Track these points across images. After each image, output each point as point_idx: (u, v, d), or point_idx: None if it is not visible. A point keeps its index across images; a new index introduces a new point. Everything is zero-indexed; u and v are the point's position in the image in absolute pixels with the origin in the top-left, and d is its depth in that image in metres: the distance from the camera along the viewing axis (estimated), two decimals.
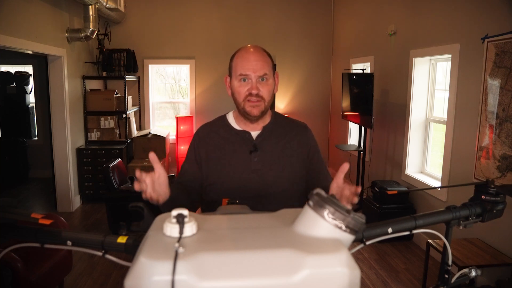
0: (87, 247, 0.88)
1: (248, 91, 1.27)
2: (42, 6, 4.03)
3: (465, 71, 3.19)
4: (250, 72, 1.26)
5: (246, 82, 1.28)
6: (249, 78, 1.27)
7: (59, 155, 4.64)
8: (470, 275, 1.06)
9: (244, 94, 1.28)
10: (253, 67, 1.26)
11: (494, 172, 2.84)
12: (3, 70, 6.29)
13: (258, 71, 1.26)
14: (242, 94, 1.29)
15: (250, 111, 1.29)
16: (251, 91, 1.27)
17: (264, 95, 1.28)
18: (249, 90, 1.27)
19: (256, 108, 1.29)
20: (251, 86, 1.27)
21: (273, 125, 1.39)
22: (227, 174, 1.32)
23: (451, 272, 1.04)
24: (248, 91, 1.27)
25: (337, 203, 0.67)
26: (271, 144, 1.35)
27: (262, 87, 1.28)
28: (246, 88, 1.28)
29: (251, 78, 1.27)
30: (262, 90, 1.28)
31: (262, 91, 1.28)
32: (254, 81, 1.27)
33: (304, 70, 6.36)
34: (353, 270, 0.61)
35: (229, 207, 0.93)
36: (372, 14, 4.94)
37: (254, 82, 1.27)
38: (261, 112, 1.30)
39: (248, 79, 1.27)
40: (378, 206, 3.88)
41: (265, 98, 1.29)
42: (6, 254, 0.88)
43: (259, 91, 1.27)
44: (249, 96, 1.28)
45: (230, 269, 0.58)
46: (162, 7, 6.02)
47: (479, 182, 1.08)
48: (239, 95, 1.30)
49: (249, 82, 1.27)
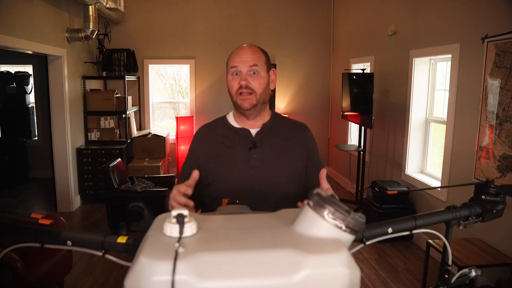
0: (87, 247, 0.88)
1: (239, 83, 1.30)
2: (42, 6, 4.03)
3: (465, 71, 3.19)
4: (239, 64, 1.29)
5: (238, 76, 1.31)
6: (239, 71, 1.30)
7: (59, 155, 4.65)
8: (470, 275, 1.06)
9: (236, 87, 1.31)
10: (243, 59, 1.29)
11: (494, 172, 2.84)
12: (3, 70, 6.29)
13: (248, 62, 1.29)
14: (234, 88, 1.32)
15: (241, 104, 1.31)
16: (241, 82, 1.29)
17: (254, 87, 1.30)
18: (239, 83, 1.30)
19: (247, 101, 1.30)
20: (241, 78, 1.30)
21: (273, 124, 1.40)
22: (227, 171, 1.33)
23: (451, 272, 1.04)
24: (239, 83, 1.30)
25: (337, 203, 0.67)
26: (270, 141, 1.36)
27: (252, 80, 1.30)
28: (237, 81, 1.30)
29: (241, 71, 1.30)
30: (253, 83, 1.30)
31: (252, 83, 1.30)
32: (244, 73, 1.30)
33: (304, 70, 6.36)
34: (353, 270, 0.61)
35: (229, 207, 0.93)
36: (372, 14, 4.94)
37: (244, 74, 1.30)
38: (252, 105, 1.31)
39: (239, 72, 1.30)
40: (378, 206, 3.88)
41: (256, 90, 1.31)
42: (6, 254, 0.88)
43: (249, 83, 1.29)
44: (240, 88, 1.30)
45: (230, 269, 0.58)
46: (162, 7, 6.02)
47: (479, 182, 1.08)
48: (232, 89, 1.33)
49: (240, 75, 1.30)
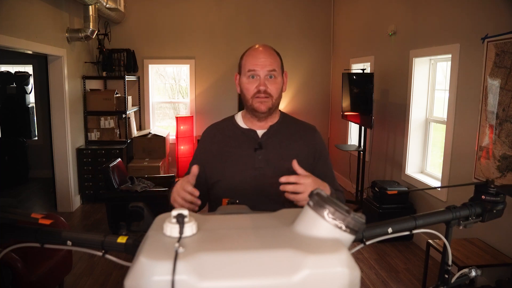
0: (87, 247, 0.88)
1: (257, 88, 1.30)
2: (42, 6, 4.03)
3: (465, 71, 3.19)
4: (258, 68, 1.29)
5: (255, 79, 1.30)
6: (257, 75, 1.30)
7: (59, 155, 4.65)
8: (470, 275, 1.06)
9: (253, 91, 1.31)
10: (262, 63, 1.29)
11: (494, 172, 2.84)
12: (3, 70, 6.29)
13: (267, 66, 1.29)
14: (250, 91, 1.31)
15: (258, 107, 1.31)
16: (259, 87, 1.29)
17: (272, 92, 1.30)
18: (257, 87, 1.30)
19: (264, 104, 1.31)
20: (259, 83, 1.29)
21: (280, 125, 1.40)
22: (231, 171, 1.33)
23: (451, 272, 1.04)
24: (257, 88, 1.30)
25: (337, 203, 0.67)
26: (276, 142, 1.36)
27: (270, 84, 1.30)
28: (255, 85, 1.30)
29: (259, 75, 1.29)
30: (270, 87, 1.30)
31: (270, 88, 1.30)
32: (262, 78, 1.29)
33: (304, 70, 6.36)
34: (353, 270, 0.61)
35: (229, 207, 0.93)
36: (372, 14, 4.94)
37: (262, 78, 1.29)
38: (268, 108, 1.32)
39: (256, 75, 1.30)
40: (378, 206, 3.88)
41: (273, 95, 1.31)
42: (6, 254, 0.88)
43: (267, 87, 1.29)
44: (258, 93, 1.30)
45: (230, 269, 0.58)
46: (162, 7, 6.02)
47: (479, 182, 1.08)
48: (247, 92, 1.32)
49: (257, 79, 1.30)
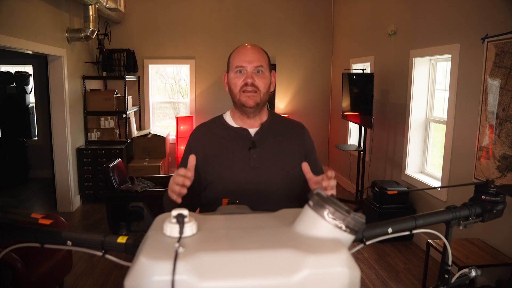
0: (87, 247, 0.88)
1: (244, 81, 1.31)
2: (42, 6, 4.03)
3: (465, 71, 3.19)
4: (246, 63, 1.30)
5: (242, 74, 1.31)
6: (244, 70, 1.31)
7: (59, 155, 4.64)
8: (470, 275, 1.06)
9: (240, 85, 1.31)
10: (249, 59, 1.30)
11: (494, 172, 2.84)
12: (3, 70, 6.29)
13: (254, 62, 1.30)
14: (238, 85, 1.32)
15: (245, 101, 1.32)
16: (247, 80, 1.30)
17: (259, 86, 1.31)
18: (244, 80, 1.31)
19: (252, 98, 1.31)
20: (246, 76, 1.30)
21: (271, 123, 1.41)
22: (227, 172, 1.32)
23: (451, 272, 1.04)
24: (244, 81, 1.31)
25: (337, 203, 0.67)
26: (269, 141, 1.36)
27: (257, 78, 1.31)
28: (242, 79, 1.31)
29: (246, 70, 1.31)
30: (258, 81, 1.31)
31: (257, 82, 1.31)
32: (249, 72, 1.30)
33: (304, 70, 6.36)
34: (353, 270, 0.61)
35: (229, 207, 0.93)
36: (372, 14, 4.94)
37: (250, 72, 1.30)
38: (256, 103, 1.32)
39: (244, 70, 1.31)
40: (378, 206, 3.88)
41: (260, 89, 1.32)
42: (6, 254, 0.88)
43: (254, 81, 1.30)
44: (245, 86, 1.31)
45: (230, 269, 0.58)
46: (162, 7, 6.02)
47: (479, 182, 1.08)
48: (235, 87, 1.33)
49: (244, 73, 1.31)
